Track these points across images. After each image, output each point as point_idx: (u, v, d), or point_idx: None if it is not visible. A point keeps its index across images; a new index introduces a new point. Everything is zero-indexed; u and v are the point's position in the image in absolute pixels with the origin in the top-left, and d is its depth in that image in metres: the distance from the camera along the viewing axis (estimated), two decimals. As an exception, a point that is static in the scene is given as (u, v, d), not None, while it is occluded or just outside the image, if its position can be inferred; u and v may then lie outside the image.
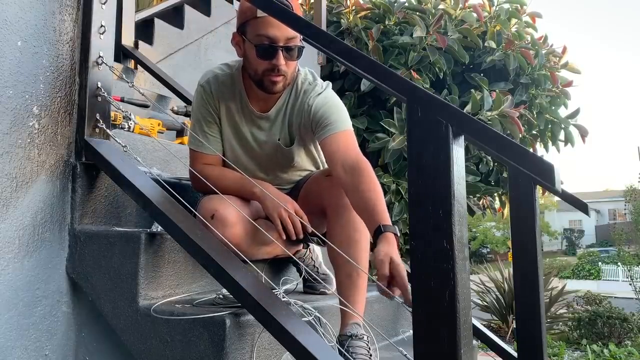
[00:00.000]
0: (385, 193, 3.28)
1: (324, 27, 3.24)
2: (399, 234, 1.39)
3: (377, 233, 1.37)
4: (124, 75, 1.87)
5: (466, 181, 1.66)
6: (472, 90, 3.25)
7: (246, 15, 1.60)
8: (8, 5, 1.44)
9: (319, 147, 1.80)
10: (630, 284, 7.86)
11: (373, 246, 1.39)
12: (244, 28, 1.61)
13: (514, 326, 2.10)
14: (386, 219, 1.41)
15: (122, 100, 2.24)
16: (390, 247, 1.33)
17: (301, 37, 1.58)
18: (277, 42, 1.56)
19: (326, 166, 1.89)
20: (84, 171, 1.58)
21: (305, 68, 1.75)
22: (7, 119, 1.43)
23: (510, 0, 3.60)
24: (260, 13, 1.56)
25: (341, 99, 1.77)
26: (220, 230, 1.49)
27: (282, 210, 1.54)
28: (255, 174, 1.73)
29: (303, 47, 1.61)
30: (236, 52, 1.68)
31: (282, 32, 1.55)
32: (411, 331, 1.33)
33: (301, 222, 1.55)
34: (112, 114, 1.83)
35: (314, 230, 1.51)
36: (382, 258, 1.30)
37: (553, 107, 3.75)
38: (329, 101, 1.67)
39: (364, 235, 1.55)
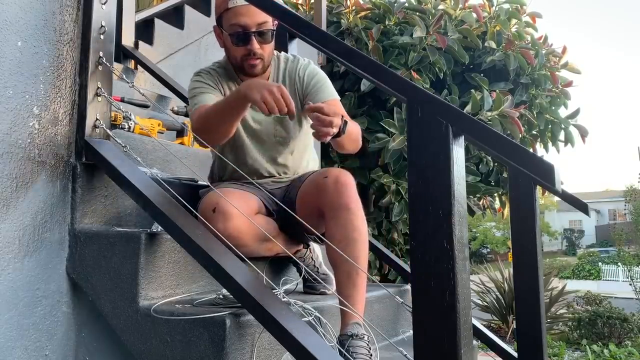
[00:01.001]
0: (385, 193, 3.28)
1: (324, 27, 3.24)
2: (344, 125, 1.51)
3: None
4: (124, 75, 1.87)
5: (466, 181, 1.67)
6: (472, 90, 3.25)
7: (220, 8, 1.74)
8: (8, 5, 1.44)
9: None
10: (630, 284, 7.86)
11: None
12: (220, 21, 1.75)
13: (514, 326, 2.11)
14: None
15: (122, 100, 2.24)
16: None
17: (274, 21, 1.72)
18: (249, 29, 1.70)
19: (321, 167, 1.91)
20: (84, 171, 1.58)
21: (282, 52, 1.89)
22: (7, 119, 1.43)
23: (510, 0, 3.60)
24: (231, 4, 1.69)
25: (341, 99, 1.83)
26: (221, 223, 1.52)
27: (265, 92, 1.46)
28: (255, 155, 1.81)
29: (274, 30, 1.74)
30: (218, 43, 1.81)
31: (252, 19, 1.69)
32: (411, 331, 1.33)
33: (301, 223, 1.56)
34: (112, 114, 1.83)
35: (311, 227, 1.52)
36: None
37: (553, 107, 3.75)
38: (319, 72, 1.82)
39: (363, 235, 1.55)
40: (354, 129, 1.65)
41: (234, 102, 1.57)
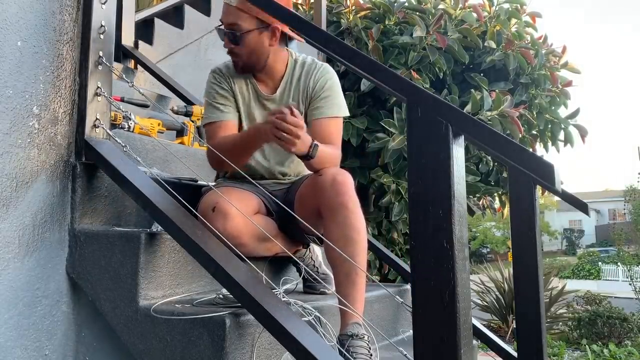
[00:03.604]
0: (385, 193, 3.28)
1: (324, 27, 3.24)
2: (314, 149, 1.52)
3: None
4: (124, 75, 1.87)
5: (466, 181, 1.66)
6: (472, 90, 3.24)
7: None
8: (8, 5, 1.44)
9: None
10: (630, 284, 7.86)
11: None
12: None
13: (514, 326, 2.11)
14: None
15: (122, 100, 2.24)
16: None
17: (263, 25, 1.71)
18: (223, 27, 1.74)
19: None
20: (84, 171, 1.58)
21: (302, 54, 1.89)
22: (7, 119, 1.43)
23: (510, 0, 3.60)
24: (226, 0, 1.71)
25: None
26: (221, 222, 1.53)
27: (273, 122, 1.48)
28: (260, 159, 1.82)
29: (241, 33, 1.70)
30: None
31: (225, 17, 1.73)
32: (411, 331, 1.33)
33: (303, 224, 1.56)
34: (112, 114, 1.83)
35: (311, 227, 1.52)
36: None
37: (553, 107, 3.75)
38: (330, 85, 1.79)
39: (361, 234, 1.55)
40: (328, 156, 1.62)
41: (246, 140, 1.65)
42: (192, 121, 2.47)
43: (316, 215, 1.63)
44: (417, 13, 3.38)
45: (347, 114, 1.81)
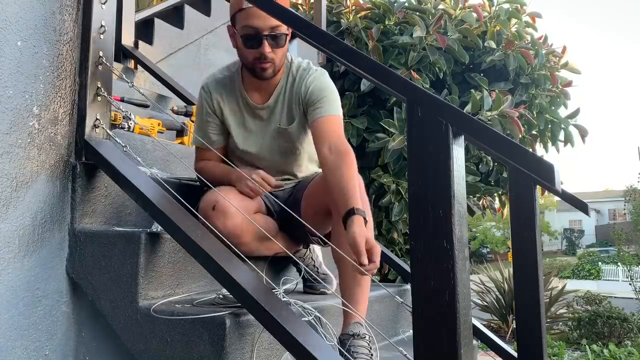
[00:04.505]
0: (385, 193, 3.28)
1: (324, 27, 3.24)
2: (369, 222, 1.43)
3: (349, 214, 1.39)
4: (124, 75, 1.87)
5: (466, 181, 1.66)
6: (472, 90, 3.24)
7: (234, 8, 1.69)
8: (8, 5, 1.44)
9: None
10: (630, 284, 7.86)
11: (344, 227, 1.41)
12: (234, 20, 1.70)
13: (514, 326, 2.11)
14: (359, 203, 1.43)
15: (122, 100, 2.24)
16: (363, 228, 1.37)
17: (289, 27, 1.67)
18: (261, 32, 1.64)
19: None
20: (84, 171, 1.58)
21: (299, 58, 1.84)
22: (7, 119, 1.42)
23: (510, 0, 3.60)
24: (245, 5, 1.65)
25: (341, 99, 1.81)
26: (221, 220, 1.54)
27: (247, 182, 1.65)
28: (258, 163, 1.80)
29: (287, 34, 1.69)
30: (232, 43, 1.76)
31: (265, 21, 1.63)
32: (411, 331, 1.33)
33: (303, 225, 1.56)
34: (112, 114, 1.83)
35: (313, 229, 1.52)
36: (357, 237, 1.33)
37: (553, 107, 3.75)
38: (325, 86, 1.75)
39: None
40: (365, 199, 1.56)
41: (226, 180, 1.70)
42: (192, 121, 2.47)
43: (324, 214, 1.62)
44: (417, 13, 3.38)
45: (341, 115, 1.80)
